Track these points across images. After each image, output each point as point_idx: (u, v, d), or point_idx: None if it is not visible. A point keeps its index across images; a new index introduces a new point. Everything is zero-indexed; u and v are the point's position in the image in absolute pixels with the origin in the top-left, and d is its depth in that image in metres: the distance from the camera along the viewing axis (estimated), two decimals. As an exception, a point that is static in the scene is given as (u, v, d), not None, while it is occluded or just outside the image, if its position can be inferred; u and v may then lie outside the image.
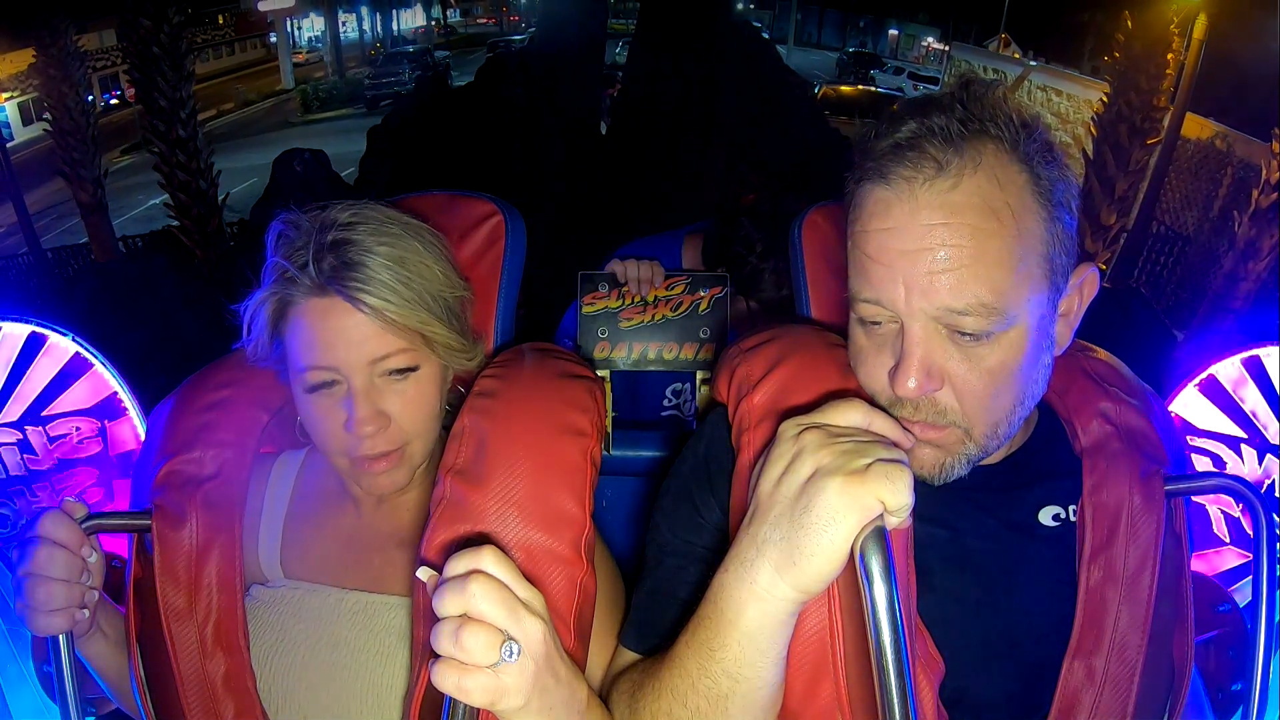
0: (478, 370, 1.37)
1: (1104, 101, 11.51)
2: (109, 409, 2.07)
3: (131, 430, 2.08)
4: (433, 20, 46.44)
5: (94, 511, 1.30)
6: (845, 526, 0.91)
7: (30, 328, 2.00)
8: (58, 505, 1.27)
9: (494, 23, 49.44)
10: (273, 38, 38.48)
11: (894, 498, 0.90)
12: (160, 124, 12.20)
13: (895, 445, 0.99)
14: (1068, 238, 1.09)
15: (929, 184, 1.03)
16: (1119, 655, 1.15)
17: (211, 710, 1.28)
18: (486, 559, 0.93)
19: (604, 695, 1.24)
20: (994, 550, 1.20)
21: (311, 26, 41.75)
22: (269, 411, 1.44)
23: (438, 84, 14.10)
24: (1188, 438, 1.98)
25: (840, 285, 1.22)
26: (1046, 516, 1.22)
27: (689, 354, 1.91)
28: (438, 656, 0.90)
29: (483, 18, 50.56)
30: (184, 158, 12.28)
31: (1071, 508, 1.22)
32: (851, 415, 1.01)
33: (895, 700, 0.89)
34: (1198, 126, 13.08)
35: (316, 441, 1.34)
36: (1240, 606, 1.54)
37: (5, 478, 2.03)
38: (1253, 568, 1.21)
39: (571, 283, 1.95)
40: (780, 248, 1.70)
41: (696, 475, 1.27)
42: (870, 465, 0.92)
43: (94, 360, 2.04)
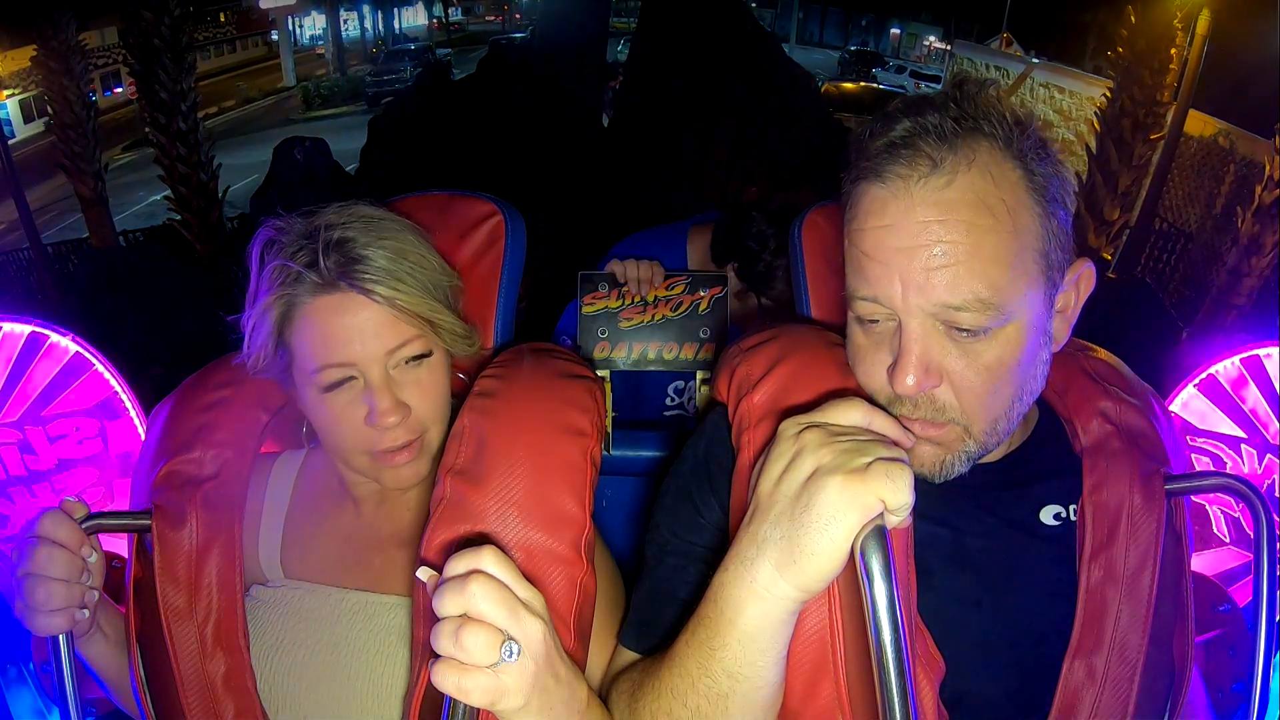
0: (478, 368, 1.37)
1: (1107, 97, 11.50)
2: (109, 409, 2.06)
3: (131, 430, 2.08)
4: (434, 18, 46.43)
5: (94, 511, 1.30)
6: (845, 525, 0.91)
7: (30, 328, 2.00)
8: (58, 505, 1.27)
9: (499, 20, 49.41)
10: (274, 35, 38.48)
11: (894, 496, 0.90)
12: (161, 117, 12.20)
13: (896, 444, 0.99)
14: (1063, 234, 1.10)
15: (923, 181, 1.03)
16: (1119, 655, 1.15)
17: (211, 710, 1.28)
18: (486, 559, 0.93)
19: (604, 695, 1.24)
20: (995, 549, 1.20)
21: (313, 24, 41.75)
22: (269, 411, 1.44)
23: (439, 76, 14.03)
24: (1188, 438, 1.98)
25: (840, 285, 1.22)
26: (1048, 516, 1.22)
27: (689, 354, 1.91)
28: (438, 656, 0.90)
29: (488, 15, 50.53)
30: (184, 151, 12.28)
31: (1072, 507, 1.22)
32: (852, 414, 1.01)
33: (895, 700, 0.89)
34: (1200, 123, 13.05)
35: (332, 443, 1.34)
36: (1240, 606, 1.54)
37: (5, 478, 2.03)
38: (1253, 568, 1.21)
39: (571, 278, 1.95)
40: None
41: (697, 475, 1.27)
42: (871, 464, 0.92)
43: (94, 360, 2.04)
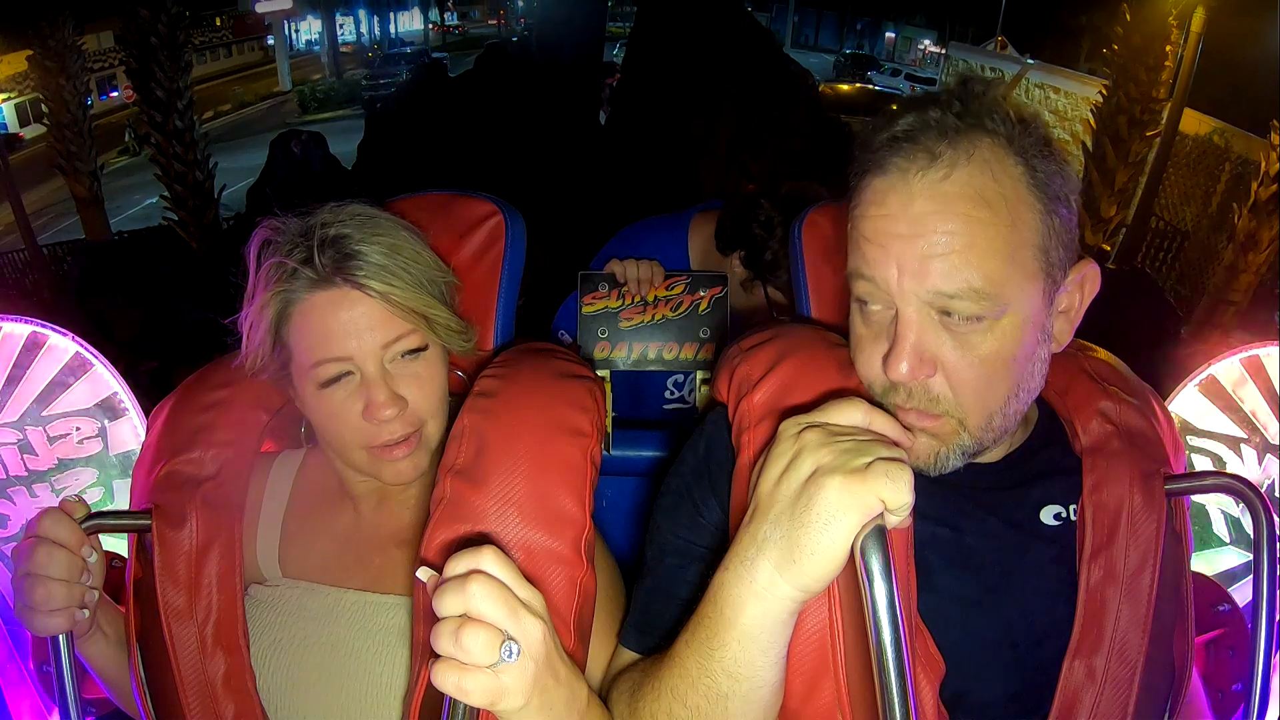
0: (478, 368, 1.38)
1: (1103, 94, 11.54)
2: (109, 409, 2.06)
3: (131, 430, 2.07)
4: (432, 23, 46.45)
5: (94, 511, 1.30)
6: (845, 525, 0.91)
7: (30, 328, 2.00)
8: (58, 505, 1.27)
9: (496, 24, 49.43)
10: (270, 40, 38.47)
11: (895, 496, 0.90)
12: (157, 115, 12.16)
13: (896, 444, 0.99)
14: (1065, 232, 1.10)
15: (922, 174, 1.05)
16: (1119, 655, 1.15)
17: (211, 710, 1.28)
18: (486, 559, 0.93)
19: (604, 695, 1.24)
20: (995, 549, 1.20)
21: (309, 29, 41.76)
22: (269, 411, 1.45)
23: (437, 72, 14.01)
24: (1188, 438, 1.98)
25: (840, 285, 1.23)
26: (1048, 515, 1.22)
27: (689, 354, 1.91)
28: (438, 656, 0.90)
29: (489, 20, 50.56)
30: (180, 149, 12.24)
31: (1072, 507, 1.22)
32: (852, 414, 1.01)
33: (895, 700, 0.89)
34: (1195, 122, 13.08)
35: (330, 439, 1.35)
36: (1240, 606, 1.54)
37: (5, 478, 2.03)
38: (1253, 568, 1.21)
39: (570, 272, 1.95)
40: None
41: (697, 475, 1.27)
42: (871, 464, 0.92)
43: (94, 360, 2.04)
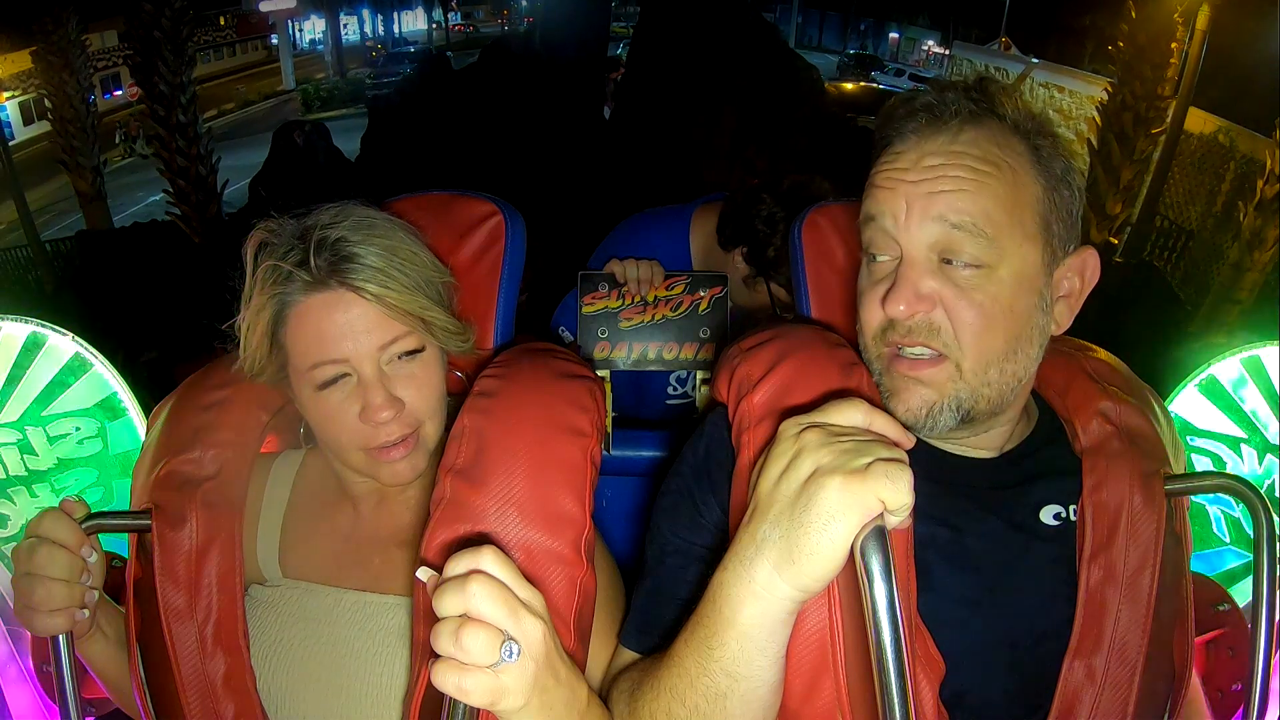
0: (478, 368, 1.38)
1: (1108, 91, 11.56)
2: (109, 409, 2.07)
3: (131, 430, 2.08)
4: (433, 23, 46.43)
5: (94, 511, 1.30)
6: (845, 525, 0.91)
7: (30, 328, 2.00)
8: (58, 505, 1.27)
9: (499, 23, 49.40)
10: (274, 39, 38.49)
11: (894, 497, 0.90)
12: (160, 109, 12.19)
13: (896, 445, 0.99)
14: (1067, 213, 1.16)
15: (933, 138, 1.14)
16: (1119, 655, 1.15)
17: (211, 710, 1.28)
18: (486, 559, 0.93)
19: (604, 695, 1.24)
20: (994, 549, 1.20)
21: (313, 28, 41.77)
22: (269, 411, 1.45)
23: (441, 64, 14.00)
24: (1188, 438, 1.98)
25: (840, 285, 1.23)
26: (1048, 515, 1.22)
27: (689, 354, 1.91)
28: (438, 656, 0.90)
29: (491, 19, 50.54)
30: (183, 143, 12.27)
31: (1072, 507, 1.22)
32: (852, 414, 1.01)
33: (895, 700, 0.89)
34: (1200, 121, 13.10)
35: (328, 441, 1.35)
36: (1240, 606, 1.54)
37: (5, 478, 2.03)
38: (1253, 568, 1.21)
39: (572, 267, 1.95)
40: None
41: (697, 475, 1.27)
42: (870, 464, 0.92)
43: (94, 360, 2.04)
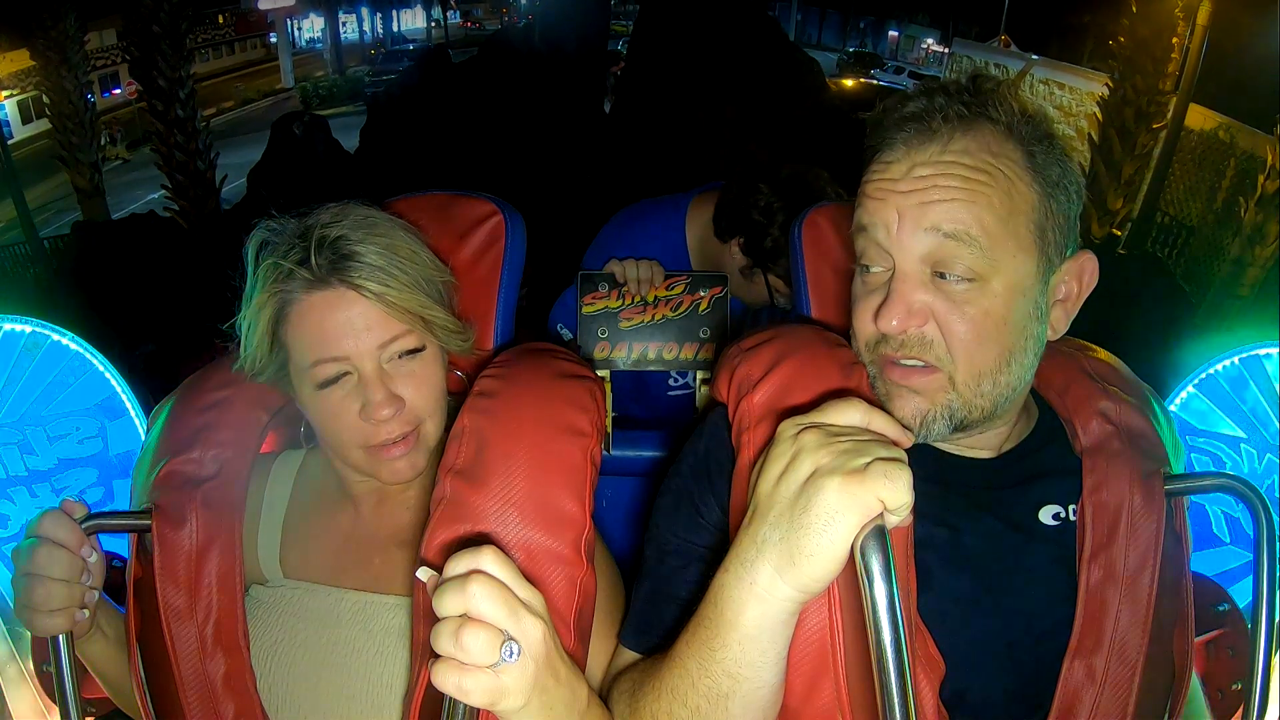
0: (478, 368, 1.38)
1: (1109, 86, 11.56)
2: (109, 409, 2.07)
3: (131, 430, 2.08)
4: (433, 20, 46.40)
5: (94, 511, 1.30)
6: (845, 526, 0.91)
7: (30, 328, 2.00)
8: (58, 505, 1.27)
9: (498, 22, 49.38)
10: (273, 37, 38.47)
11: (894, 496, 0.90)
12: (159, 103, 12.15)
13: (894, 444, 0.99)
14: (1064, 218, 1.15)
15: (923, 148, 1.12)
16: (1119, 655, 1.15)
17: (211, 710, 1.28)
18: (486, 559, 0.93)
19: (604, 695, 1.24)
20: (994, 550, 1.20)
21: (311, 27, 41.75)
22: (269, 411, 1.45)
23: (440, 57, 13.93)
24: (1187, 438, 1.98)
25: (840, 285, 1.23)
26: (1046, 516, 1.22)
27: (689, 354, 1.91)
28: (438, 656, 0.90)
29: (486, 20, 50.47)
30: (182, 138, 12.22)
31: (1071, 507, 1.22)
32: (850, 414, 1.01)
33: (895, 700, 0.89)
34: (1200, 117, 13.11)
35: (329, 439, 1.35)
36: (1240, 606, 1.54)
37: (5, 478, 2.03)
38: (1253, 568, 1.21)
39: (571, 264, 1.95)
40: None
41: (696, 475, 1.27)
42: (869, 464, 0.92)
43: (94, 360, 2.04)
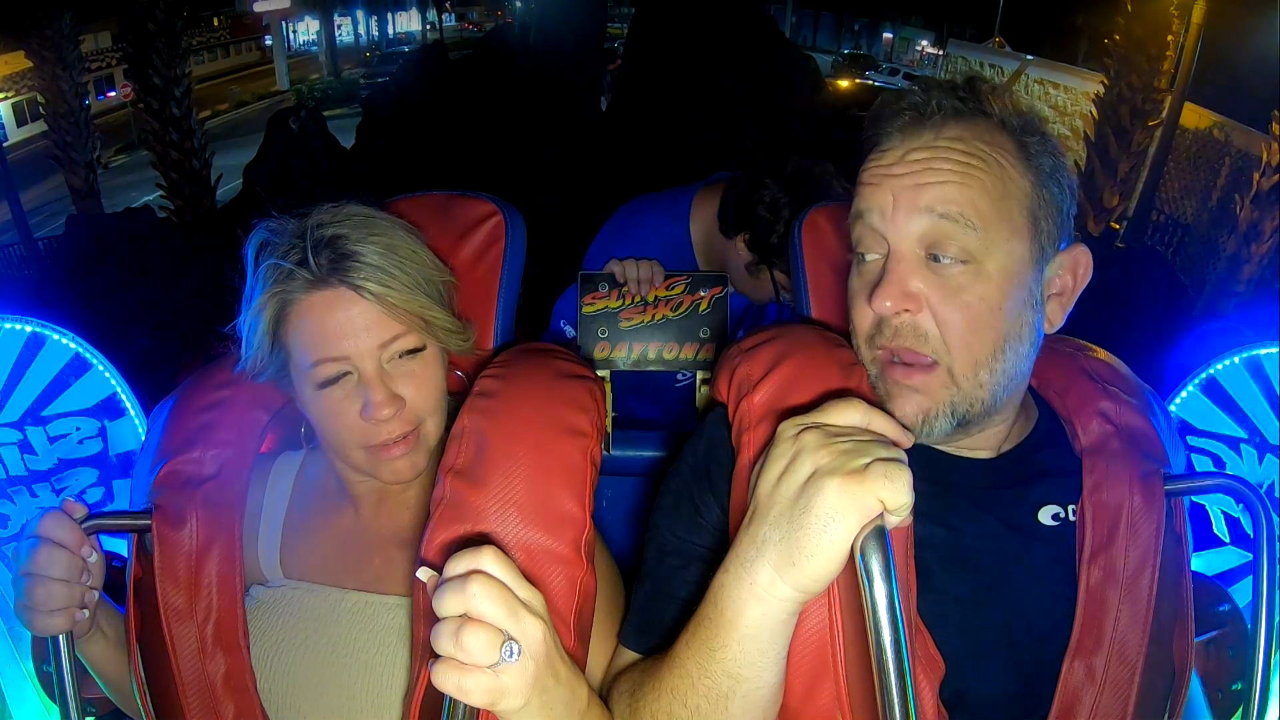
0: (478, 368, 1.38)
1: (1105, 84, 11.60)
2: (109, 409, 2.07)
3: (131, 430, 2.08)
4: (428, 23, 46.38)
5: (94, 511, 1.30)
6: (845, 526, 0.91)
7: (30, 328, 2.00)
8: (58, 505, 1.27)
9: (498, 25, 49.39)
10: (268, 40, 38.46)
11: (893, 497, 0.90)
12: (154, 102, 12.13)
13: (894, 444, 0.99)
14: (1056, 209, 1.16)
15: (918, 134, 1.14)
16: (1119, 655, 1.15)
17: (211, 710, 1.28)
18: (486, 559, 0.93)
19: (604, 695, 1.24)
20: (993, 550, 1.20)
21: (306, 29, 41.73)
22: (269, 411, 1.45)
23: (437, 53, 13.91)
24: (1188, 438, 1.99)
25: (840, 285, 1.23)
26: (1046, 516, 1.22)
27: (689, 354, 1.91)
28: (438, 656, 0.90)
29: (483, 21, 50.46)
30: (177, 137, 12.20)
31: (1071, 507, 1.22)
32: (850, 415, 1.01)
33: (895, 700, 0.89)
34: (1196, 116, 13.16)
35: (329, 439, 1.35)
36: (1240, 606, 1.54)
37: (5, 478, 2.03)
38: (1253, 568, 1.22)
39: (570, 261, 1.95)
40: None
41: (696, 475, 1.27)
42: (869, 464, 0.92)
43: (94, 360, 2.04)
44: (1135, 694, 1.15)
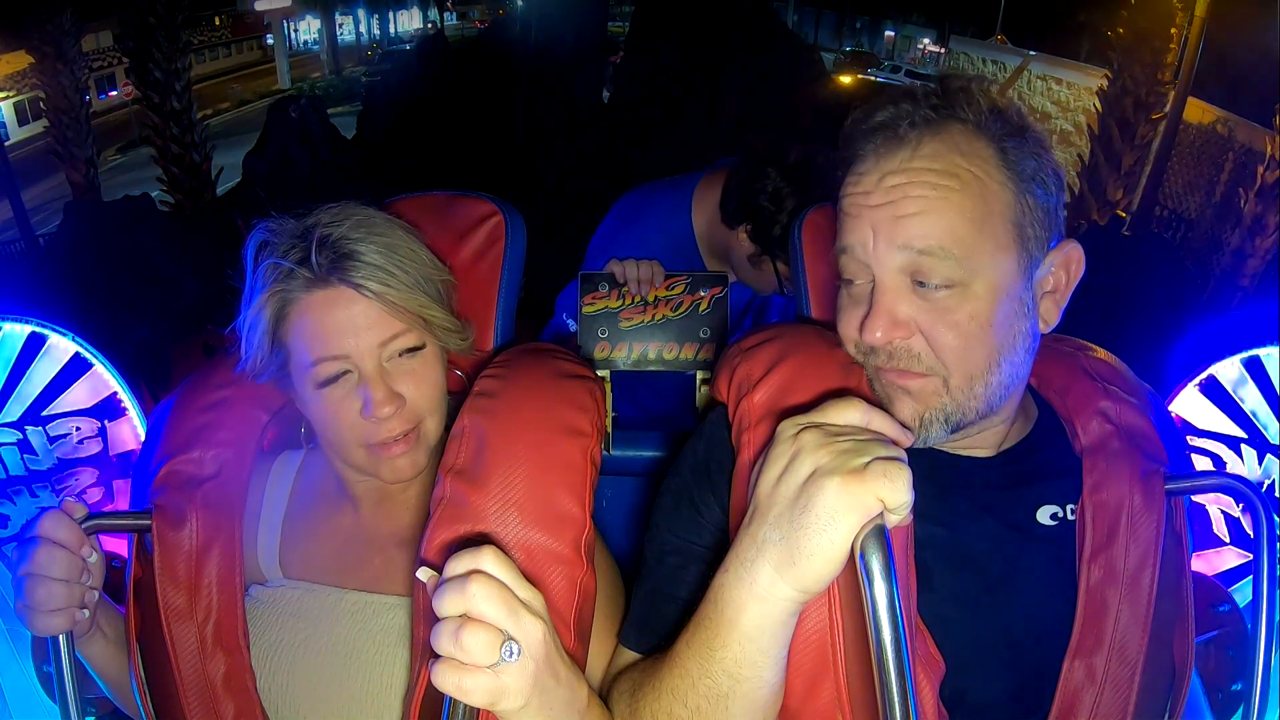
0: (478, 368, 1.38)
1: (1108, 77, 11.56)
2: (109, 409, 2.07)
3: (131, 430, 2.08)
4: (429, 23, 46.34)
5: (94, 511, 1.30)
6: (845, 526, 0.91)
7: (30, 328, 2.00)
8: (58, 505, 1.27)
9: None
10: (269, 39, 38.45)
11: (893, 496, 0.90)
12: (155, 96, 12.12)
13: (894, 444, 0.99)
14: (1042, 212, 1.15)
15: (892, 155, 1.13)
16: (1119, 655, 1.15)
17: (211, 710, 1.28)
18: (486, 559, 0.93)
19: (604, 695, 1.24)
20: (993, 549, 1.20)
21: (308, 28, 41.72)
22: (269, 411, 1.45)
23: (438, 43, 13.83)
24: (1188, 438, 1.98)
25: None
26: (1044, 516, 1.22)
27: (689, 354, 1.91)
28: (438, 656, 0.90)
29: (483, 20, 50.41)
30: (178, 130, 12.18)
31: (1070, 507, 1.22)
32: (850, 414, 1.01)
33: (895, 700, 0.89)
34: (1199, 111, 13.11)
35: (330, 438, 1.35)
36: (1240, 606, 1.54)
37: (5, 478, 2.03)
38: (1253, 568, 1.21)
39: (572, 254, 1.94)
40: (814, 203, 1.60)
41: (697, 474, 1.27)
42: (869, 464, 0.92)
43: (94, 360, 2.04)
44: (1135, 694, 1.15)
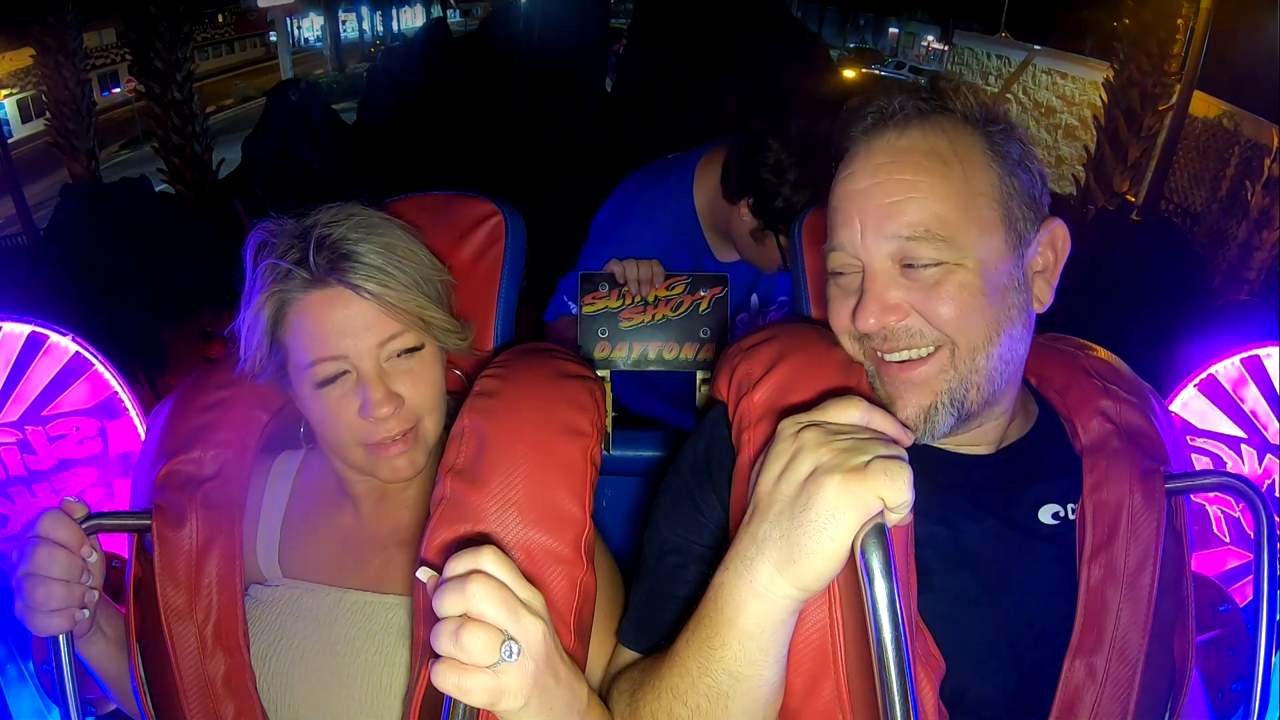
0: (478, 368, 1.38)
1: (1114, 68, 11.54)
2: (109, 409, 2.07)
3: (131, 430, 2.08)
4: (432, 20, 46.32)
5: (94, 511, 1.30)
6: (845, 524, 0.91)
7: (30, 328, 2.01)
8: (58, 505, 1.27)
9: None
10: (273, 36, 38.44)
11: (894, 494, 0.90)
12: (156, 86, 12.07)
13: (894, 442, 0.99)
14: (1028, 195, 1.17)
15: (880, 135, 1.17)
16: (1120, 654, 1.15)
17: (211, 710, 1.28)
18: (486, 559, 0.93)
19: (604, 694, 1.24)
20: (993, 548, 1.20)
21: (311, 25, 41.71)
22: (269, 411, 1.45)
23: (440, 30, 13.75)
24: (1188, 438, 1.98)
25: None
26: (1045, 515, 1.22)
27: (689, 354, 1.91)
28: (438, 656, 0.90)
29: (482, 17, 50.37)
30: (179, 121, 12.13)
31: (1070, 506, 1.22)
32: (850, 413, 1.01)
33: (896, 699, 0.89)
34: (1205, 105, 13.06)
35: (328, 438, 1.35)
36: (1240, 606, 1.54)
37: (5, 478, 2.03)
38: (1253, 568, 1.21)
39: (575, 245, 1.94)
40: (816, 175, 1.57)
41: (697, 473, 1.27)
42: (869, 462, 0.92)
43: (94, 360, 2.04)
44: (1136, 693, 1.15)
